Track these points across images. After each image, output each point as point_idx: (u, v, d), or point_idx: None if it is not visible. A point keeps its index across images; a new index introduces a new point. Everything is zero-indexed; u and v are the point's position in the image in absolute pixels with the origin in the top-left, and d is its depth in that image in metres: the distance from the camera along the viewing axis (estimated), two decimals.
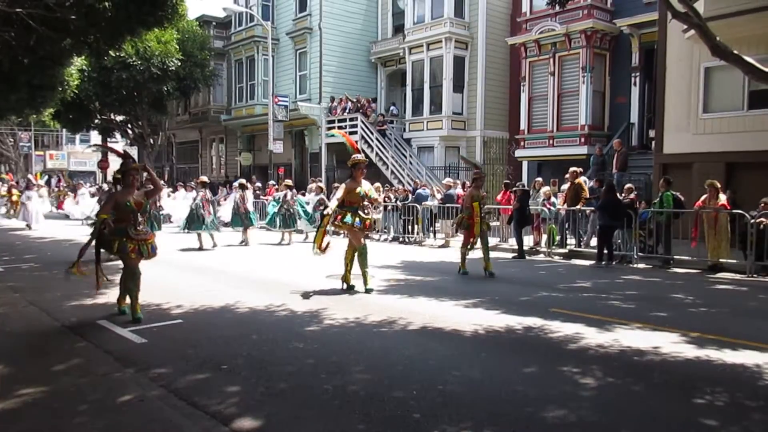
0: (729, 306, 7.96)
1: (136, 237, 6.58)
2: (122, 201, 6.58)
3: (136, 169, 6.89)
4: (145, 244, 6.67)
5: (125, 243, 6.51)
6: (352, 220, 8.32)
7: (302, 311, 7.19)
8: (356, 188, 8.39)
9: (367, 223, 8.58)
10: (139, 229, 6.67)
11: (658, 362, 5.23)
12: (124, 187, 6.78)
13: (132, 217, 6.59)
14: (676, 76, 14.84)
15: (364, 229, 8.53)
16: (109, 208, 6.64)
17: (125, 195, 6.65)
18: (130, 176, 6.76)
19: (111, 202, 6.71)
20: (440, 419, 3.90)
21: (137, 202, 6.67)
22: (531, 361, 5.21)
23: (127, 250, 6.51)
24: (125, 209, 6.56)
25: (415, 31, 23.94)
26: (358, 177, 8.50)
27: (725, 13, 12.72)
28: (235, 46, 29.87)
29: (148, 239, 6.75)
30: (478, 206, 10.30)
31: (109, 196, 7.08)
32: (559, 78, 20.21)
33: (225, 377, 4.78)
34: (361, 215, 8.39)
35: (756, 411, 4.10)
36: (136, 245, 6.56)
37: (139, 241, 6.60)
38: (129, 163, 6.90)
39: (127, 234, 6.54)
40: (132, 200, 6.62)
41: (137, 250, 6.59)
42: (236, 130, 31.45)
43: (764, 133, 13.09)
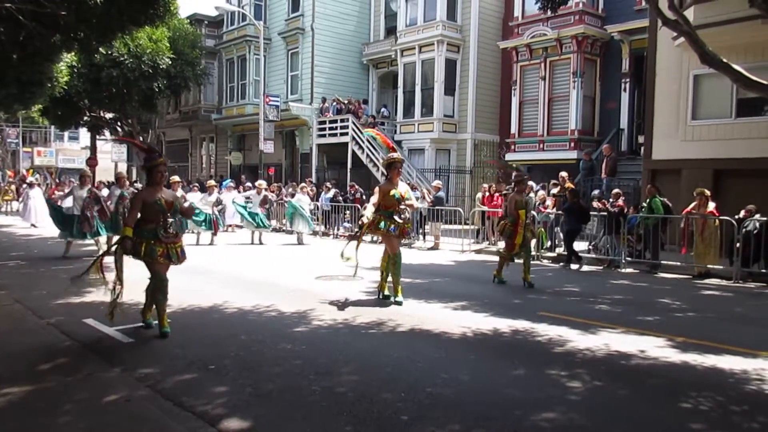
0: (715, 311, 8.03)
1: (166, 240, 5.97)
2: (151, 200, 5.92)
3: (164, 163, 6.20)
4: (175, 247, 6.06)
5: (154, 247, 5.86)
6: (387, 226, 7.72)
7: (291, 312, 7.17)
8: (391, 190, 7.74)
9: (405, 229, 7.94)
10: (169, 231, 6.03)
11: (645, 366, 5.26)
12: (150, 184, 6.13)
13: (162, 218, 5.95)
14: (665, 82, 14.95)
15: (400, 235, 7.94)
16: (135, 215, 5.89)
17: (153, 193, 6.00)
18: (158, 172, 6.08)
19: (137, 205, 5.94)
20: (428, 421, 3.90)
21: (168, 202, 6.03)
22: (519, 364, 5.23)
23: (155, 254, 5.87)
24: (154, 209, 5.91)
25: (407, 34, 23.98)
26: (395, 178, 7.84)
27: (714, 21, 12.84)
28: (226, 45, 29.77)
29: (178, 242, 6.14)
30: (524, 214, 9.56)
31: (135, 197, 6.27)
32: (550, 82, 20.30)
33: (212, 378, 4.75)
34: (396, 220, 7.74)
35: (740, 415, 4.14)
36: (165, 249, 5.94)
37: (169, 244, 6.00)
38: (155, 157, 6.18)
39: (156, 236, 5.89)
40: (162, 199, 5.98)
41: (166, 255, 5.96)
42: (227, 130, 31.35)
43: (751, 140, 13.22)
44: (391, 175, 7.84)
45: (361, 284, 9.38)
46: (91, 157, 36.26)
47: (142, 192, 6.17)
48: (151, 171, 6.09)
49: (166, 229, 5.99)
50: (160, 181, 6.13)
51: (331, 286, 9.27)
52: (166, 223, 5.98)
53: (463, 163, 23.28)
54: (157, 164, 6.08)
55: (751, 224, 10.51)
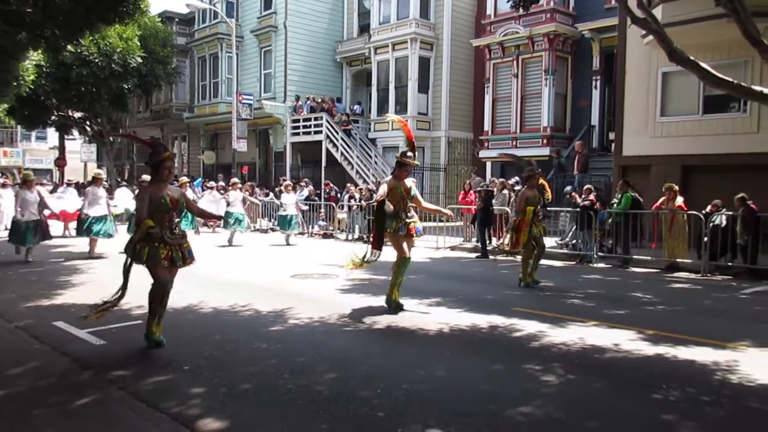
0: (684, 304, 8.19)
1: (171, 242, 5.45)
2: (156, 197, 5.38)
3: (171, 158, 5.61)
4: (180, 249, 5.53)
5: (158, 250, 5.34)
6: (394, 226, 7.19)
7: (267, 311, 7.13)
8: (396, 187, 7.26)
9: (412, 228, 7.35)
10: (175, 232, 5.51)
11: (618, 359, 5.35)
12: (155, 181, 5.56)
13: (167, 218, 5.45)
14: (634, 80, 15.20)
15: (408, 234, 7.33)
16: (146, 206, 5.34)
17: (159, 190, 5.45)
18: (164, 168, 5.50)
19: (145, 199, 5.39)
20: (405, 418, 3.91)
21: (173, 200, 5.49)
22: (495, 360, 5.27)
23: (159, 258, 5.35)
24: (160, 207, 5.38)
25: (380, 32, 23.98)
26: (402, 176, 7.37)
27: (682, 20, 13.08)
28: (198, 43, 29.44)
29: (184, 243, 5.61)
30: (532, 210, 9.09)
31: (141, 192, 5.67)
32: (523, 80, 20.50)
33: (187, 378, 4.70)
34: (404, 219, 7.24)
35: (709, 405, 4.23)
36: (169, 252, 5.43)
37: (174, 246, 5.48)
38: (161, 151, 5.58)
39: (161, 238, 5.38)
40: (168, 196, 5.45)
41: (170, 258, 5.45)
42: (199, 129, 31.01)
43: (718, 136, 13.51)
44: (398, 173, 7.38)
45: (336, 282, 9.37)
46: (59, 157, 35.55)
47: (147, 188, 5.57)
48: (157, 167, 5.51)
49: (172, 230, 5.48)
50: (167, 178, 5.60)
51: (307, 285, 9.24)
52: (171, 224, 5.48)
53: (438, 161, 23.38)
54: (164, 159, 5.51)
55: (718, 219, 10.74)
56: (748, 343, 5.92)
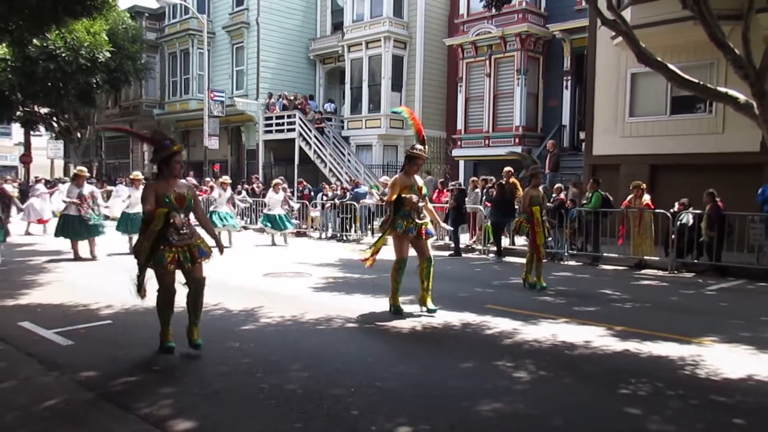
0: (652, 301, 8.35)
1: (179, 243, 5.06)
2: (161, 194, 5.02)
3: (179, 152, 5.20)
4: (188, 249, 5.13)
5: (163, 252, 4.99)
6: (404, 227, 6.77)
7: (238, 310, 7.07)
8: (409, 186, 6.86)
9: (422, 230, 6.92)
10: (182, 232, 5.08)
11: (587, 355, 5.44)
12: (162, 176, 5.13)
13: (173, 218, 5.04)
14: (604, 80, 15.43)
15: (419, 236, 6.92)
16: (153, 200, 4.99)
17: (166, 186, 5.07)
18: (175, 163, 5.09)
19: (151, 193, 5.03)
20: (378, 415, 3.92)
21: (179, 197, 5.09)
22: (467, 357, 5.31)
23: (164, 261, 4.99)
24: (163, 205, 5.00)
25: (354, 30, 23.94)
26: (411, 172, 6.98)
27: (650, 22, 13.32)
28: (168, 38, 29.04)
29: (193, 242, 5.17)
30: (539, 210, 8.82)
31: (147, 187, 5.29)
32: (495, 79, 20.66)
33: (157, 379, 4.64)
34: (415, 221, 6.83)
35: (674, 399, 4.32)
36: (175, 254, 5.04)
37: (181, 247, 5.09)
38: (169, 144, 5.15)
39: (165, 239, 5.00)
40: (173, 193, 5.06)
41: (176, 261, 5.07)
42: (170, 125, 30.57)
43: (684, 136, 13.80)
44: (407, 169, 6.97)
45: (309, 281, 9.35)
46: (25, 153, 34.73)
47: (153, 185, 5.15)
48: (168, 161, 5.08)
49: (179, 230, 5.04)
50: (178, 174, 5.17)
51: (280, 284, 9.20)
52: (178, 222, 5.05)
53: None
54: (174, 153, 5.10)
55: (685, 217, 10.97)
56: (713, 338, 6.06)
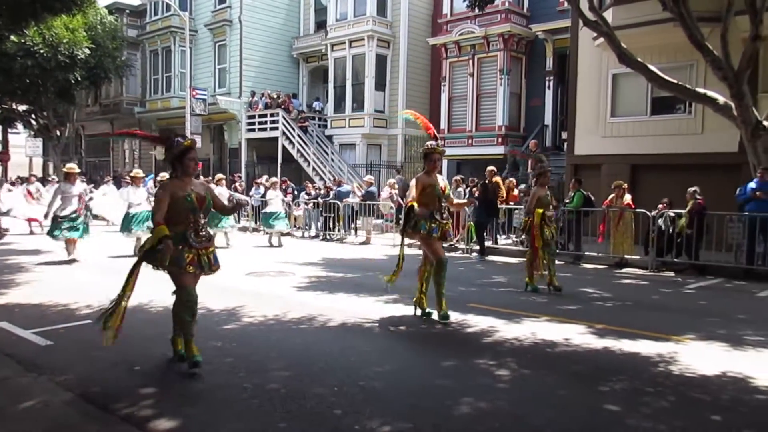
0: (632, 299, 8.44)
1: (198, 245, 4.79)
2: (180, 195, 4.73)
3: (192, 147, 4.86)
4: (207, 253, 4.87)
5: (182, 253, 4.69)
6: (428, 227, 6.56)
7: (220, 309, 7.03)
8: (431, 185, 6.63)
9: (446, 229, 6.73)
10: (201, 234, 4.84)
11: (568, 353, 5.49)
12: (177, 175, 4.84)
13: (192, 218, 4.78)
14: (586, 81, 15.58)
15: (442, 237, 6.73)
16: (164, 210, 4.67)
17: (183, 186, 4.79)
18: (189, 160, 4.79)
19: (165, 198, 4.69)
20: (361, 414, 3.92)
21: (200, 197, 4.83)
22: (450, 355, 5.33)
23: (183, 262, 4.70)
24: (183, 206, 4.72)
25: (337, 28, 23.91)
26: (433, 169, 6.72)
27: (632, 23, 13.48)
28: (150, 36, 28.78)
29: (210, 247, 4.93)
30: (540, 215, 8.47)
31: (161, 189, 4.86)
32: (478, 79, 20.75)
33: (138, 379, 4.60)
34: (438, 220, 6.61)
35: (653, 396, 4.38)
36: (195, 256, 4.77)
37: (200, 250, 4.82)
38: (179, 141, 4.82)
39: (185, 241, 4.72)
40: (193, 193, 4.80)
41: (196, 263, 4.79)
42: (151, 123, 30.30)
43: (665, 137, 13.99)
44: (428, 167, 6.70)
45: (293, 280, 9.32)
46: (2, 151, 34.17)
47: (169, 184, 4.82)
48: (181, 158, 4.78)
49: (198, 232, 4.81)
50: (193, 171, 4.87)
51: (263, 283, 9.16)
52: (197, 225, 4.80)
53: (394, 159, 23.46)
54: (187, 149, 4.79)
55: (662, 220, 11.10)
56: (691, 335, 6.15)
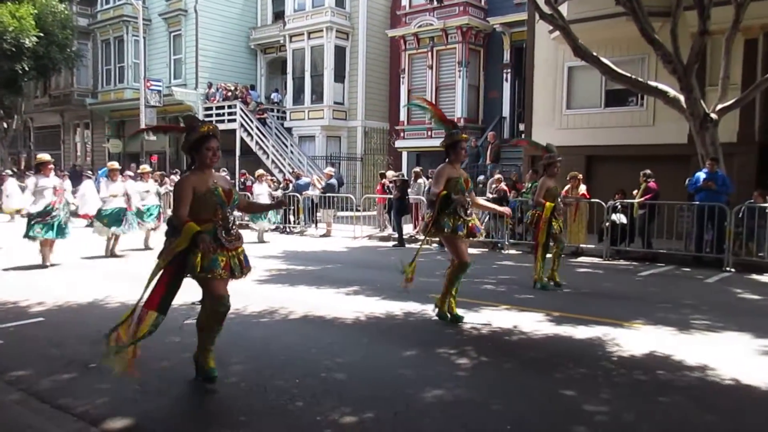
0: (587, 287, 8.67)
1: (230, 244, 4.26)
2: (204, 188, 4.19)
3: (215, 135, 4.30)
4: (237, 254, 4.34)
5: (216, 257, 4.13)
6: (453, 225, 5.93)
7: (178, 304, 6.85)
8: (456, 177, 6.00)
9: (473, 226, 6.10)
10: (232, 232, 4.31)
11: (526, 340, 5.60)
12: (197, 168, 4.30)
13: (220, 214, 4.24)
14: (542, 73, 15.83)
15: (469, 235, 6.11)
16: (187, 205, 4.13)
17: (205, 178, 4.25)
18: (207, 150, 4.23)
19: (188, 194, 4.14)
20: (323, 406, 3.93)
21: (226, 191, 4.31)
22: (411, 345, 5.38)
23: (217, 266, 4.14)
24: (210, 201, 4.19)
25: (295, 19, 23.68)
26: (457, 160, 6.12)
27: (586, 17, 13.75)
28: (101, 25, 27.95)
29: (239, 247, 4.39)
30: (551, 209, 8.05)
31: (181, 184, 4.23)
32: (437, 71, 20.87)
33: (94, 377, 4.50)
34: (463, 217, 5.98)
35: (607, 380, 4.51)
36: (227, 258, 4.23)
37: (231, 250, 4.28)
38: (196, 126, 4.29)
39: (216, 241, 4.17)
40: (219, 187, 4.29)
41: (229, 267, 4.25)
42: (104, 115, 29.51)
43: (618, 129, 14.34)
44: (452, 157, 6.06)
45: (252, 273, 9.18)
46: None
47: (189, 178, 4.24)
48: (198, 148, 4.24)
49: (229, 229, 4.28)
50: (212, 162, 4.30)
51: None
52: (227, 221, 4.28)
53: (354, 151, 23.44)
54: (205, 136, 4.23)
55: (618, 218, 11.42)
56: (642, 321, 6.36)
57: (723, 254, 10.35)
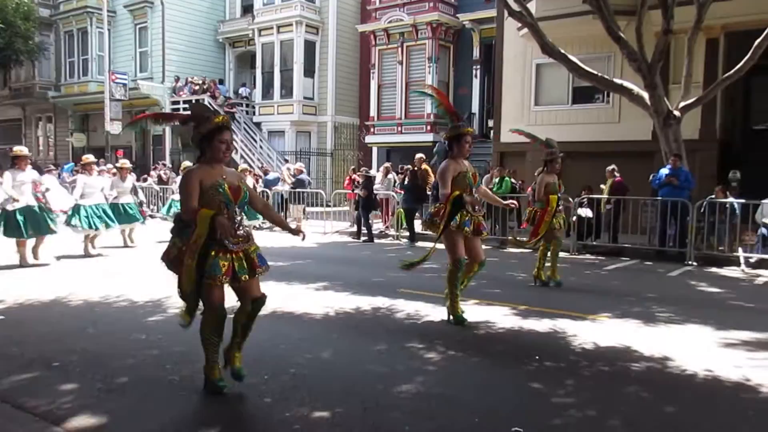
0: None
1: (236, 247, 3.88)
2: (209, 183, 3.82)
3: (223, 126, 3.86)
4: (245, 257, 3.96)
5: (217, 261, 3.80)
6: (459, 221, 5.70)
7: (143, 301, 6.81)
8: (462, 172, 5.81)
9: (480, 223, 5.92)
10: (239, 233, 3.92)
11: (494, 334, 5.66)
12: (205, 160, 3.91)
13: (226, 213, 3.84)
14: (511, 70, 15.97)
15: (476, 232, 5.86)
16: (196, 198, 3.78)
17: (213, 173, 3.87)
18: (219, 142, 3.85)
19: (194, 186, 3.78)
20: (292, 402, 3.91)
21: (234, 187, 3.92)
22: (380, 340, 5.39)
23: (218, 271, 3.80)
24: (214, 198, 3.81)
25: (264, 13, 23.45)
26: (462, 155, 5.89)
27: (554, 14, 13.91)
28: (64, 16, 27.28)
29: (251, 246, 4.01)
30: (556, 200, 7.94)
31: (187, 178, 3.87)
32: (407, 67, 20.91)
33: (57, 375, 4.40)
34: (470, 212, 5.78)
35: (573, 372, 4.59)
36: (230, 263, 3.86)
37: (236, 253, 3.90)
38: (209, 116, 3.89)
39: (219, 243, 3.81)
40: (226, 183, 3.89)
41: (231, 272, 3.88)
42: (67, 109, 28.83)
43: (585, 125, 14.55)
44: (457, 151, 5.86)
45: None
46: None
47: (196, 171, 3.88)
48: (210, 139, 3.84)
49: (235, 230, 3.88)
50: (224, 157, 3.92)
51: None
52: (232, 221, 3.87)
53: (324, 146, 23.35)
54: (217, 128, 3.84)
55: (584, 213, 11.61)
56: (606, 314, 6.48)
57: (685, 248, 10.60)
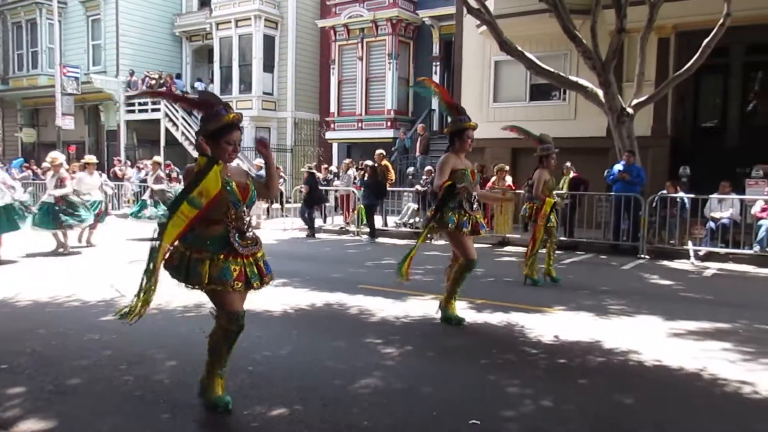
0: (511, 276, 8.92)
1: (245, 251, 3.57)
2: None
3: (234, 124, 3.52)
4: (255, 262, 3.66)
5: (227, 265, 3.50)
6: (457, 220, 5.55)
7: (96, 300, 6.65)
8: (461, 168, 5.64)
9: (478, 223, 5.74)
10: (248, 235, 3.60)
11: (450, 328, 5.73)
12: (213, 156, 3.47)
13: (234, 214, 3.53)
14: (470, 67, 16.12)
15: (474, 232, 5.69)
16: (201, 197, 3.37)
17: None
18: (227, 143, 3.50)
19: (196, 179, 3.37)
20: (250, 400, 3.89)
21: (242, 186, 3.59)
22: (339, 336, 5.40)
23: (229, 276, 3.49)
24: (222, 198, 3.44)
25: (222, 6, 23.10)
26: (463, 150, 5.73)
27: (512, 12, 14.10)
28: (12, 6, 26.34)
29: (258, 251, 3.69)
30: (551, 204, 7.91)
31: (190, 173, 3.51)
32: (367, 63, 20.89)
33: (4, 378, 4.27)
34: (468, 212, 5.62)
35: (529, 364, 4.69)
36: (242, 267, 3.56)
37: (247, 257, 3.60)
38: (221, 111, 3.49)
39: (228, 246, 3.52)
40: (233, 182, 3.54)
41: (244, 277, 3.57)
42: (16, 103, 27.87)
43: (542, 122, 14.74)
44: (459, 146, 5.70)
45: None
46: None
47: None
48: (217, 137, 3.49)
49: (243, 231, 3.57)
50: (231, 156, 3.58)
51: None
52: (241, 223, 3.56)
53: (284, 142, 23.17)
54: (227, 125, 3.50)
55: None
56: (561, 307, 6.63)
57: (638, 242, 10.91)
